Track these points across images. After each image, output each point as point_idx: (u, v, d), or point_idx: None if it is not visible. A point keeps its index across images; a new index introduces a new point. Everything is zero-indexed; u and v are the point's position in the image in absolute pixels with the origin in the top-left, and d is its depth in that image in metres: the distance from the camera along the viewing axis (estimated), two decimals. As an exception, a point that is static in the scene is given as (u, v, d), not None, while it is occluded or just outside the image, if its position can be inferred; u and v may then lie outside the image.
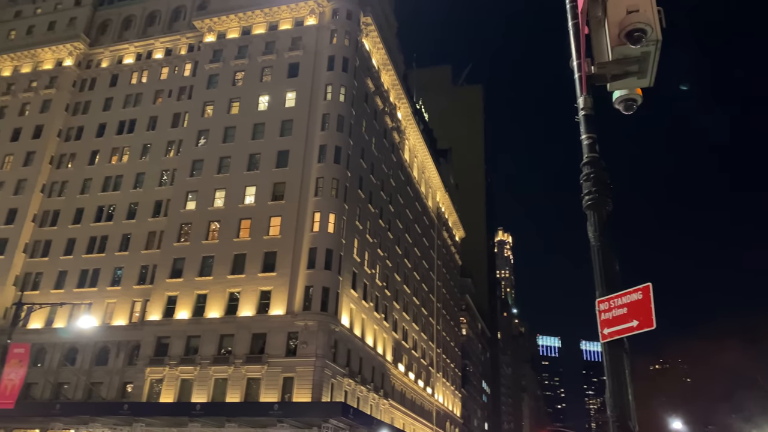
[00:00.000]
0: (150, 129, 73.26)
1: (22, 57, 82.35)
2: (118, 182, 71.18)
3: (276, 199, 62.04)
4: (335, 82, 65.62)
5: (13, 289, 68.20)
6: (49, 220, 71.69)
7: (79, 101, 78.60)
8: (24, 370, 29.03)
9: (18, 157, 75.30)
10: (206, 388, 55.20)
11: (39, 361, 61.77)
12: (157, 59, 77.52)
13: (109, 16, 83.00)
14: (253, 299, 57.79)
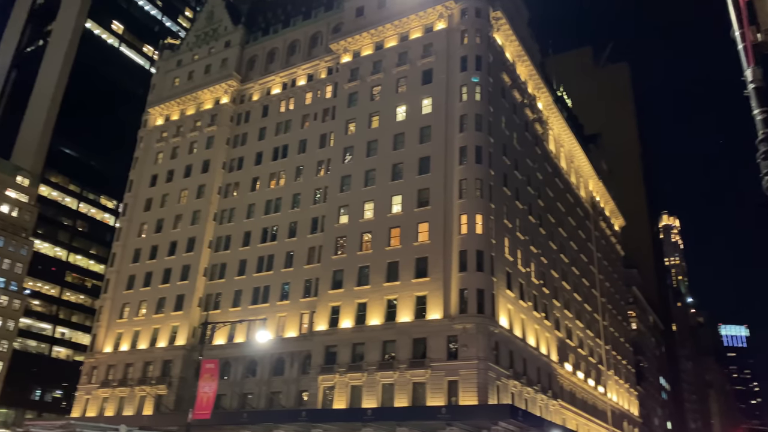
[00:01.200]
0: (301, 152, 77.89)
1: (186, 101, 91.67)
2: (277, 204, 76.49)
3: (422, 205, 62.89)
4: (468, 81, 65.22)
5: (198, 309, 75.80)
6: (222, 245, 78.83)
7: (238, 134, 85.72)
8: (215, 383, 32.15)
9: (191, 191, 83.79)
10: (375, 394, 57.17)
11: (225, 374, 67.89)
12: (301, 86, 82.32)
13: (255, 52, 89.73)
14: (409, 305, 58.96)
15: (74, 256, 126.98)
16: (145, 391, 72.07)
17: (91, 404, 76.58)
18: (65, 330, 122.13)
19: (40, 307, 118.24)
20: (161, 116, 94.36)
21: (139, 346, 77.11)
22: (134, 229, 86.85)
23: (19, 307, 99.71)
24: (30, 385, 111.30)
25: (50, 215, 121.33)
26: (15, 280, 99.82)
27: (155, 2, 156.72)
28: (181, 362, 72.37)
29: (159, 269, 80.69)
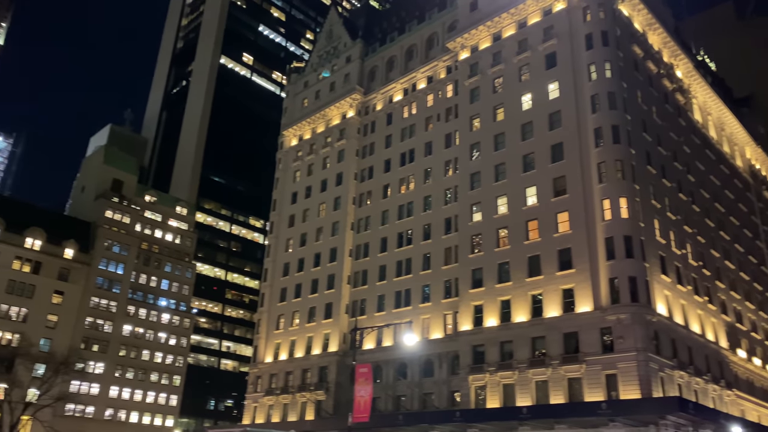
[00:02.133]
0: (427, 154, 78.38)
1: (315, 119, 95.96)
2: (410, 208, 77.54)
3: (558, 194, 60.58)
4: (598, 59, 61.91)
5: (346, 316, 78.75)
6: (362, 253, 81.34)
7: (366, 144, 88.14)
8: (370, 386, 33.14)
9: (329, 204, 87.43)
10: (528, 392, 55.83)
11: (377, 377, 69.74)
12: (421, 89, 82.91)
13: (375, 63, 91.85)
14: (556, 299, 56.95)
15: (231, 275, 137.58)
16: (306, 397, 76.03)
17: (259, 411, 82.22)
18: (230, 343, 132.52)
19: (207, 324, 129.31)
20: (295, 137, 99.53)
21: (296, 355, 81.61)
22: (281, 244, 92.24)
23: (189, 326, 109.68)
24: (205, 396, 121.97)
25: (207, 239, 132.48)
26: (183, 301, 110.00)
27: (278, 30, 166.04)
28: (336, 368, 75.50)
29: (307, 280, 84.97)
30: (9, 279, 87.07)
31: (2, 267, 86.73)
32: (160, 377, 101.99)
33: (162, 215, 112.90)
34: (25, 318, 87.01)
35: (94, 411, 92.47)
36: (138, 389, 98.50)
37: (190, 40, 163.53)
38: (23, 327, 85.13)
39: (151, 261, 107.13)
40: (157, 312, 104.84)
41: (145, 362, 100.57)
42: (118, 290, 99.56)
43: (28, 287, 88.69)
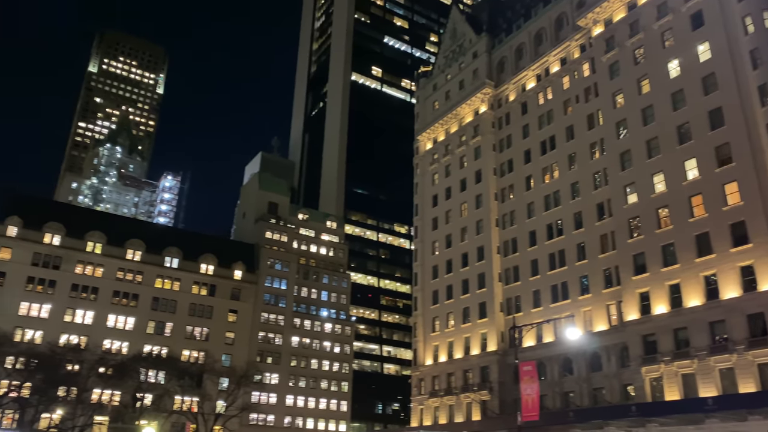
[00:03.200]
0: (569, 139, 75.16)
1: (448, 120, 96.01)
2: (557, 198, 74.76)
3: (723, 164, 55.18)
4: (754, 9, 55.62)
5: (501, 314, 77.58)
6: (510, 249, 79.78)
7: (502, 138, 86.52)
8: (536, 384, 32.34)
9: (470, 203, 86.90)
10: (712, 381, 51.24)
11: (542, 374, 67.75)
12: (555, 72, 79.79)
13: (503, 54, 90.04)
14: (733, 278, 51.80)
15: (384, 282, 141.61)
16: (470, 398, 75.89)
17: (425, 414, 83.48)
18: (390, 348, 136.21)
19: (366, 330, 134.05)
20: (429, 140, 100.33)
21: (455, 356, 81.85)
22: (428, 248, 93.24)
23: (351, 333, 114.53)
24: (372, 400, 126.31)
25: (358, 249, 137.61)
26: (342, 310, 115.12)
27: (403, 38, 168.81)
28: (497, 367, 74.59)
29: (457, 281, 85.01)
30: (190, 303, 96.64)
31: (184, 292, 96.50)
32: (329, 384, 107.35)
33: (315, 231, 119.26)
34: (207, 337, 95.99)
35: (274, 419, 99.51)
36: (310, 397, 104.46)
37: (322, 63, 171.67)
38: (206, 345, 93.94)
39: (310, 274, 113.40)
40: (320, 322, 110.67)
41: (314, 371, 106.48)
42: (283, 304, 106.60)
43: (207, 308, 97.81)
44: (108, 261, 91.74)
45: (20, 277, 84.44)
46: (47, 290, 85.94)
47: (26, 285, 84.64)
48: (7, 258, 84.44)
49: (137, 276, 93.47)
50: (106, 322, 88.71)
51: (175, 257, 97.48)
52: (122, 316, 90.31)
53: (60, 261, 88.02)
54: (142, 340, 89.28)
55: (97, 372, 74.62)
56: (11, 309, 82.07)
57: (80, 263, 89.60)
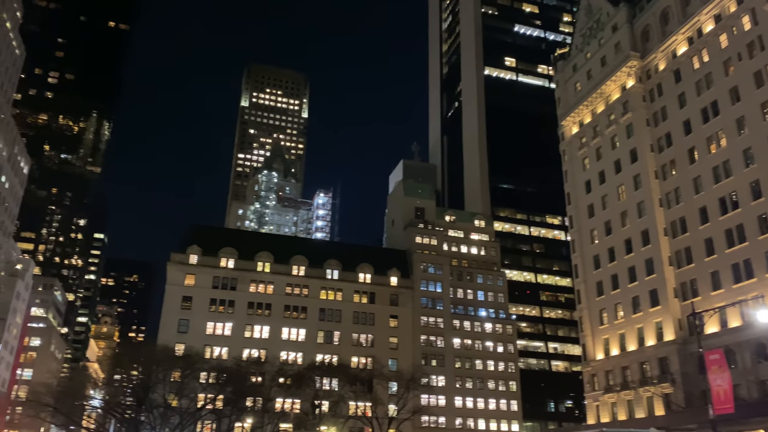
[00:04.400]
0: (735, 102, 67.83)
1: (593, 100, 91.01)
2: (727, 168, 67.73)
3: None
4: None
5: (676, 301, 71.60)
6: (678, 229, 73.53)
7: (655, 111, 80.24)
8: (727, 374, 29.34)
9: (627, 185, 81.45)
10: None
11: (731, 363, 61.42)
12: (710, 31, 72.56)
13: (646, 22, 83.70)
14: None
15: (541, 277, 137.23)
16: (650, 392, 70.89)
17: (602, 410, 79.33)
18: (556, 344, 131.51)
19: (528, 328, 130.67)
20: (574, 124, 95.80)
21: (628, 348, 76.98)
22: (585, 237, 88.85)
23: (512, 332, 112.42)
24: (542, 398, 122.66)
25: (509, 246, 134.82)
26: (501, 309, 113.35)
27: (534, 24, 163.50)
28: (677, 357, 68.93)
29: (622, 269, 80.00)
30: (353, 311, 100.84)
31: (346, 301, 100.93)
32: (497, 384, 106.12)
33: (463, 231, 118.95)
34: (372, 343, 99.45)
35: (445, 421, 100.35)
36: (479, 398, 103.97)
37: (453, 63, 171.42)
38: (373, 351, 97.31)
39: (464, 275, 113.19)
40: (480, 322, 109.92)
41: (479, 371, 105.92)
42: (441, 307, 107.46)
43: (369, 316, 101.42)
44: (277, 278, 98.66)
45: (204, 299, 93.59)
46: (228, 310, 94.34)
47: (210, 306, 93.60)
48: (192, 283, 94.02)
49: (303, 290, 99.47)
50: (280, 335, 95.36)
51: (335, 269, 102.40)
52: (294, 329, 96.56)
53: (236, 282, 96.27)
54: (314, 350, 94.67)
55: (278, 382, 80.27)
56: (200, 329, 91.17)
57: (253, 282, 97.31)
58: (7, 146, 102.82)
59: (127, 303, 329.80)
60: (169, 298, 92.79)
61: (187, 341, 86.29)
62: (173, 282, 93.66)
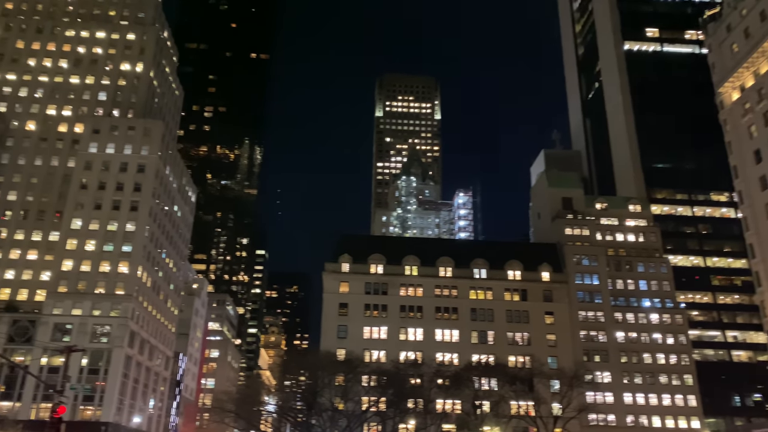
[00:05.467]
0: None
1: (754, 60, 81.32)
2: None
3: None
4: None
5: None
6: None
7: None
8: None
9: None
10: None
11: None
12: None
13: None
14: None
15: (710, 259, 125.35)
16: None
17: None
18: (735, 332, 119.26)
19: (700, 316, 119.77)
20: (735, 90, 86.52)
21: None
22: (760, 212, 79.62)
23: (683, 321, 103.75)
24: (725, 392, 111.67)
25: (671, 229, 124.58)
26: (668, 298, 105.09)
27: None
28: None
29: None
30: (506, 309, 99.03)
31: (497, 300, 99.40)
32: (669, 379, 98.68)
33: (617, 218, 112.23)
34: (529, 341, 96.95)
35: (615, 419, 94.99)
36: (650, 393, 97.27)
37: (588, 42, 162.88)
38: (530, 349, 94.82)
39: (622, 265, 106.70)
40: (644, 313, 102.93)
41: (648, 365, 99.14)
42: (599, 300, 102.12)
43: (523, 313, 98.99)
44: (425, 281, 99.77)
45: (359, 305, 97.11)
46: (381, 314, 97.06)
47: (364, 312, 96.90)
48: (346, 291, 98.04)
49: (452, 291, 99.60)
50: (434, 336, 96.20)
51: (482, 268, 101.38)
52: (447, 330, 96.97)
53: (386, 287, 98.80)
54: (469, 350, 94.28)
55: (436, 383, 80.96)
56: (357, 334, 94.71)
57: (402, 286, 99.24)
58: (176, 178, 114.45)
59: (290, 313, 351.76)
60: (327, 306, 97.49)
61: (347, 346, 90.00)
62: (329, 290, 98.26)
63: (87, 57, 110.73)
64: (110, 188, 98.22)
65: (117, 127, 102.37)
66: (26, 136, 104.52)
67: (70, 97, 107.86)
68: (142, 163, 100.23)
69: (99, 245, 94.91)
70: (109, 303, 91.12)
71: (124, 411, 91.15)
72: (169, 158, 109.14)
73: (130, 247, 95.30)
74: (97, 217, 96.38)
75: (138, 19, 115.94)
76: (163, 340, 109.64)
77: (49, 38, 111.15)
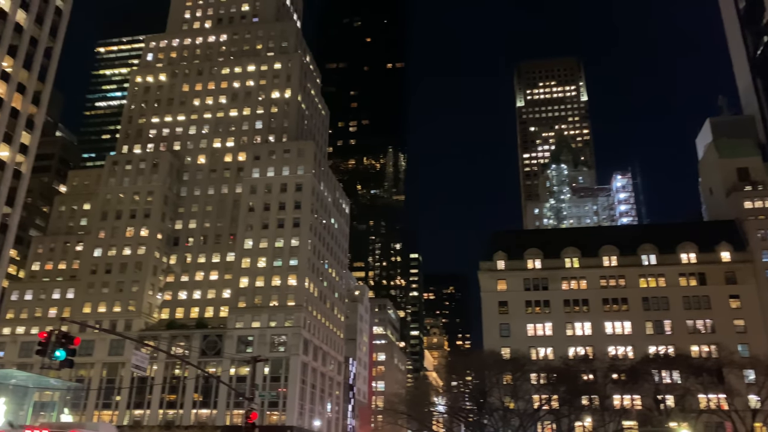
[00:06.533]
0: None
1: None
2: None
3: None
4: None
5: None
6: None
7: None
8: None
9: None
10: None
11: None
12: None
13: None
14: None
15: None
16: None
17: None
18: None
19: None
20: None
21: None
22: None
23: None
24: None
25: None
26: None
27: None
28: None
29: None
30: (682, 296, 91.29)
31: (671, 286, 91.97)
32: None
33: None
34: (712, 328, 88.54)
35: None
36: None
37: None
38: (715, 337, 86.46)
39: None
40: None
41: None
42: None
43: (702, 299, 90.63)
44: (588, 272, 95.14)
45: (519, 302, 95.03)
46: (544, 310, 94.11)
47: (525, 309, 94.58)
48: (504, 288, 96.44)
49: (619, 280, 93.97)
50: (603, 329, 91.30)
51: (650, 253, 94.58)
52: (617, 322, 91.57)
53: (546, 282, 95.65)
54: (644, 342, 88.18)
55: (611, 379, 76.68)
56: (521, 332, 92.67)
57: (564, 280, 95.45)
58: (330, 193, 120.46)
59: (449, 314, 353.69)
60: (486, 305, 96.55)
61: (511, 344, 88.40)
62: (486, 289, 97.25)
63: (242, 90, 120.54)
64: (274, 208, 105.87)
65: (274, 152, 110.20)
66: (198, 169, 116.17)
67: (231, 129, 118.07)
68: (299, 182, 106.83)
69: (269, 261, 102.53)
70: (282, 314, 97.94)
71: (305, 415, 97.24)
72: (322, 175, 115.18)
73: (297, 261, 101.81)
74: (265, 235, 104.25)
75: (282, 49, 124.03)
76: (333, 346, 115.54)
77: (209, 78, 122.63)
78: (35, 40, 78.62)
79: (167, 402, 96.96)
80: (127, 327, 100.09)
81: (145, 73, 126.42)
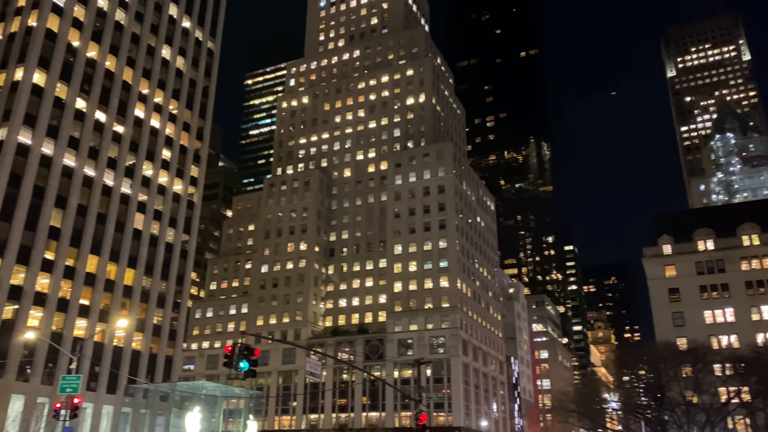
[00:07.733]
0: None
1: None
2: None
3: None
4: None
5: None
6: None
7: None
8: None
9: None
10: None
11: None
12: None
13: None
14: None
15: None
16: None
17: None
18: None
19: None
20: None
21: None
22: None
23: None
24: None
25: None
26: None
27: None
28: None
29: None
30: None
31: None
32: None
33: None
34: None
35: None
36: None
37: None
38: None
39: None
40: None
41: None
42: None
43: None
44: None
45: (692, 288, 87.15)
46: (722, 294, 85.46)
47: (701, 294, 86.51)
48: (673, 275, 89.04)
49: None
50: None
51: None
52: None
53: (722, 263, 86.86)
54: None
55: (814, 367, 67.55)
56: (697, 320, 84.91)
57: (743, 260, 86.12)
58: (473, 191, 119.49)
59: (612, 306, 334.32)
60: (654, 293, 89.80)
61: (688, 334, 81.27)
62: (653, 277, 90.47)
63: (378, 102, 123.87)
64: (419, 212, 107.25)
65: (413, 157, 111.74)
66: (345, 182, 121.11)
67: (372, 140, 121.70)
68: (441, 184, 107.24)
69: (420, 265, 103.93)
70: (438, 316, 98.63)
71: (471, 415, 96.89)
72: (463, 174, 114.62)
73: (446, 262, 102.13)
74: (414, 240, 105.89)
75: (413, 55, 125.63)
76: (493, 346, 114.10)
77: (347, 95, 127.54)
78: (194, 82, 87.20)
79: (339, 406, 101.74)
80: (296, 336, 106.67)
81: (289, 98, 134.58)
